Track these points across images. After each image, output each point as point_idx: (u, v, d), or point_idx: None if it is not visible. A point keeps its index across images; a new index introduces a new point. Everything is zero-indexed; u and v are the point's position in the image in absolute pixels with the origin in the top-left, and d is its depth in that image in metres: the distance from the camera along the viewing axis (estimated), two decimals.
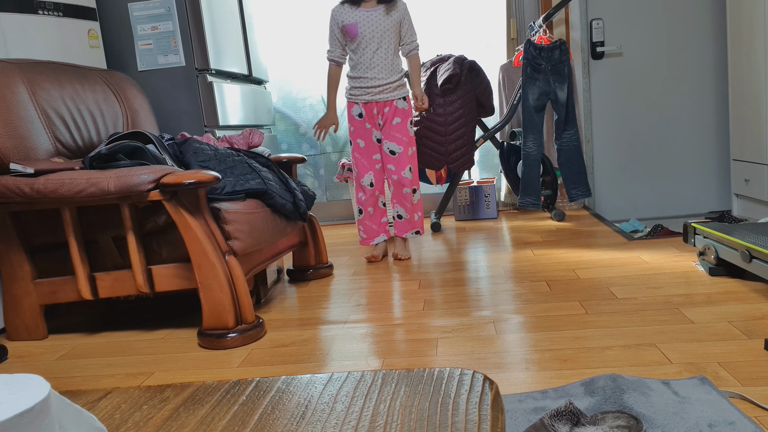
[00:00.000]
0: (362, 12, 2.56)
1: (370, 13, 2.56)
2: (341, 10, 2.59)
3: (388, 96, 2.65)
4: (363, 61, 2.60)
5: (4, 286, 2.05)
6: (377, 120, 2.70)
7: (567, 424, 1.09)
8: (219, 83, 2.91)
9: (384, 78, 2.62)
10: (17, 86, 2.05)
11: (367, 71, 2.61)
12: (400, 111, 2.67)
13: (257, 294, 2.33)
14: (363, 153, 2.72)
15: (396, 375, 0.73)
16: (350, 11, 2.57)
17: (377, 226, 2.81)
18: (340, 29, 2.60)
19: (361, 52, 2.60)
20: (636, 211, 3.81)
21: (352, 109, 2.70)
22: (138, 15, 2.83)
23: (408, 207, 2.77)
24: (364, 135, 2.70)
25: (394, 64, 2.65)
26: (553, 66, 3.28)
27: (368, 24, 2.56)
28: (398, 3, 2.61)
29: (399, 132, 2.68)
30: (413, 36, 2.67)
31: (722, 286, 2.00)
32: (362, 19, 2.56)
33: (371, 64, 2.60)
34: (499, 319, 1.87)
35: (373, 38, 2.57)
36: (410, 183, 2.74)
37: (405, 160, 2.69)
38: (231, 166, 2.13)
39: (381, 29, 2.57)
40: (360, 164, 2.73)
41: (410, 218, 2.79)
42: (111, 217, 1.96)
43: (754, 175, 3.16)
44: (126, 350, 1.91)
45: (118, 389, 0.75)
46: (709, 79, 3.65)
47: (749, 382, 1.31)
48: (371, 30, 2.57)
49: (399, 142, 2.68)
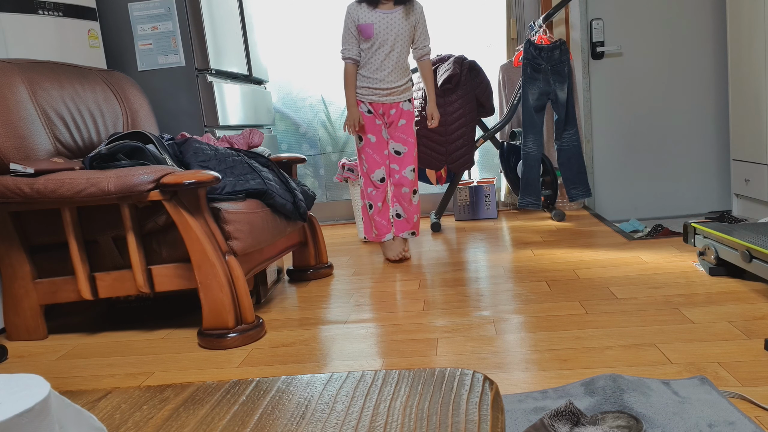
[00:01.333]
0: (379, 13, 2.52)
1: (387, 15, 2.52)
2: (358, 9, 2.54)
3: (395, 99, 2.64)
4: (374, 62, 2.57)
5: (4, 286, 2.05)
6: (384, 119, 2.70)
7: (567, 424, 1.09)
8: (219, 83, 2.91)
9: (393, 81, 2.61)
10: (17, 86, 2.05)
11: (376, 72, 2.59)
12: (406, 113, 2.67)
13: (257, 294, 2.33)
14: (375, 148, 2.69)
15: (396, 375, 0.73)
16: (367, 11, 2.52)
17: (387, 221, 2.79)
18: (356, 27, 2.55)
19: (373, 52, 2.56)
20: (636, 211, 3.81)
21: (360, 107, 2.67)
22: (138, 15, 2.83)
23: (407, 207, 2.76)
24: (375, 130, 2.67)
25: (404, 67, 2.63)
26: (553, 66, 3.28)
27: (384, 26, 2.52)
28: (416, 5, 2.58)
29: (405, 133, 2.68)
30: (426, 40, 2.63)
31: (722, 286, 2.00)
32: (378, 21, 2.52)
33: (382, 66, 2.57)
34: (499, 319, 1.87)
35: (387, 40, 2.54)
36: (411, 183, 2.73)
37: (409, 161, 2.70)
38: (231, 166, 2.13)
39: (396, 32, 2.54)
40: (371, 160, 2.69)
41: (408, 218, 2.79)
42: (111, 217, 1.96)
43: (754, 175, 3.16)
44: (126, 350, 1.91)
45: (118, 389, 0.75)
46: (709, 80, 3.65)
47: (749, 382, 1.31)
48: (386, 32, 2.53)
49: (405, 143, 2.68)
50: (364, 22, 2.52)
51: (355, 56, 2.60)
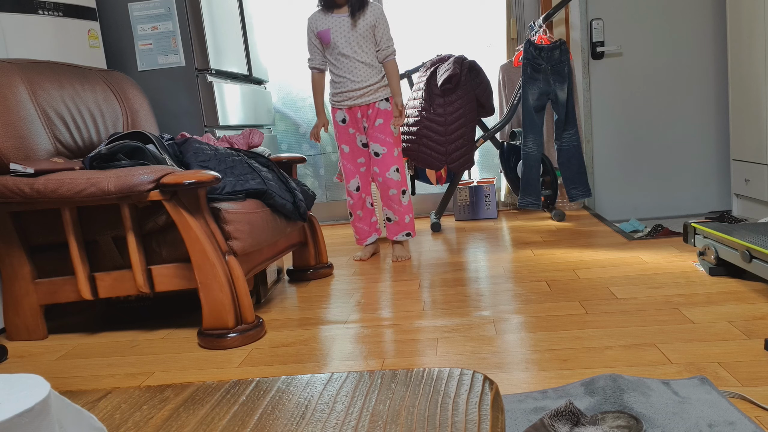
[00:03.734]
0: (334, 18, 2.56)
1: (342, 19, 2.56)
2: (315, 17, 2.60)
3: (371, 99, 2.64)
4: (340, 66, 2.60)
5: (4, 286, 2.05)
6: (362, 124, 2.71)
7: (567, 424, 1.09)
8: (219, 83, 2.91)
9: (363, 81, 2.61)
10: (17, 86, 2.05)
11: (345, 75, 2.61)
12: (382, 112, 2.66)
13: (257, 294, 2.33)
14: (348, 158, 2.74)
15: (396, 375, 0.73)
16: (323, 18, 2.58)
17: (368, 226, 2.86)
18: (315, 36, 2.61)
19: (336, 57, 2.60)
20: (636, 211, 3.81)
21: (336, 115, 2.71)
22: (138, 15, 2.83)
23: (396, 209, 2.75)
24: (347, 140, 2.72)
25: (373, 66, 2.62)
26: (553, 66, 3.28)
27: (340, 30, 2.56)
28: (370, 8, 2.57)
29: (382, 133, 2.66)
30: (388, 41, 2.61)
31: (722, 286, 2.00)
32: (334, 25, 2.56)
33: (348, 68, 2.59)
34: (499, 319, 1.87)
35: (347, 44, 2.56)
36: (397, 184, 2.71)
37: (390, 161, 2.68)
38: (231, 166, 2.13)
39: (353, 35, 2.56)
40: (346, 170, 2.76)
41: (399, 220, 2.78)
42: (111, 217, 1.96)
43: (754, 175, 3.16)
44: (126, 350, 1.91)
45: (118, 389, 0.75)
46: (709, 80, 3.65)
47: (749, 382, 1.31)
48: (344, 36, 2.56)
49: (382, 143, 2.67)
50: (322, 28, 2.58)
51: (319, 65, 2.67)
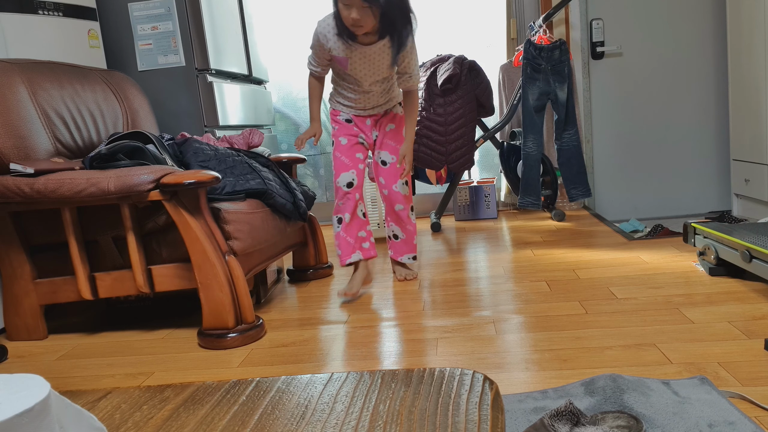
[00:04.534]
0: (356, 48, 2.07)
1: (365, 50, 2.08)
2: (330, 37, 2.07)
3: (384, 108, 2.31)
4: (355, 89, 2.22)
5: (4, 286, 2.05)
6: (370, 131, 2.33)
7: (567, 424, 1.09)
8: (219, 83, 2.91)
9: (377, 101, 2.27)
10: (17, 86, 2.05)
11: (355, 100, 2.26)
12: (396, 117, 2.33)
13: (257, 294, 2.32)
14: (344, 150, 2.26)
15: (396, 375, 0.73)
16: (340, 44, 2.07)
17: (354, 239, 2.29)
18: (327, 52, 2.12)
19: (352, 81, 2.20)
20: (636, 211, 3.81)
21: (340, 115, 2.30)
22: (138, 15, 2.83)
23: (405, 227, 2.38)
24: (348, 133, 2.28)
25: (390, 84, 2.26)
26: (553, 66, 3.28)
27: (362, 62, 2.11)
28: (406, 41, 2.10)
29: (392, 140, 2.31)
30: (413, 69, 2.17)
31: (722, 286, 2.00)
32: (356, 56, 2.10)
33: (361, 98, 2.24)
34: (499, 319, 1.87)
35: (367, 75, 2.15)
36: (405, 200, 2.33)
37: (398, 172, 2.31)
38: (231, 166, 2.13)
39: (377, 66, 2.13)
40: (339, 163, 2.25)
41: (407, 239, 2.40)
42: (111, 217, 1.96)
43: (754, 175, 3.16)
44: (126, 350, 1.91)
45: (118, 389, 0.75)
46: (709, 80, 3.65)
47: (749, 382, 1.31)
48: (365, 67, 2.13)
49: (392, 150, 2.30)
50: (338, 54, 2.10)
51: (320, 73, 2.22)
